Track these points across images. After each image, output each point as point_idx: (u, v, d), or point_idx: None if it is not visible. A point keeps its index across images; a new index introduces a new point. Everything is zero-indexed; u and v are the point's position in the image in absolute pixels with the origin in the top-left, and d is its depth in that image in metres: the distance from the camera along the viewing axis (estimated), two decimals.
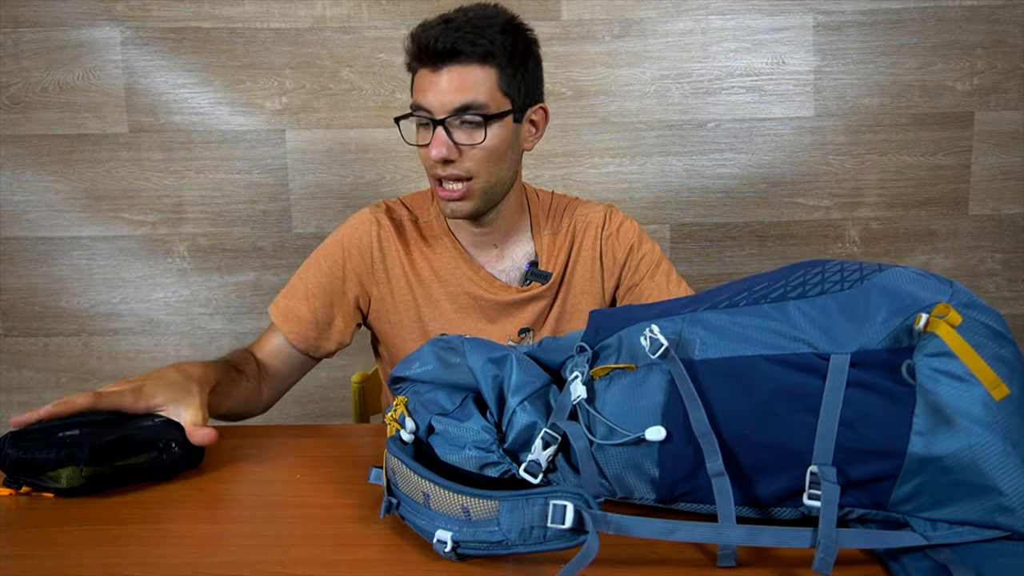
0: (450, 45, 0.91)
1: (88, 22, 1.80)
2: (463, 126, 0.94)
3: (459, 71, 0.93)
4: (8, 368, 1.92)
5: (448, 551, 0.54)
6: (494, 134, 0.95)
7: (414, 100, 0.96)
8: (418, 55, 0.94)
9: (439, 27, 0.93)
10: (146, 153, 1.84)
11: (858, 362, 0.54)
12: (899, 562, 0.52)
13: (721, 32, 1.81)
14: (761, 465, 0.56)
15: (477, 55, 0.93)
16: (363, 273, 1.06)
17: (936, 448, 0.51)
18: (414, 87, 0.97)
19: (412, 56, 0.96)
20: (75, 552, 0.60)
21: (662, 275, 1.08)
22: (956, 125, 1.82)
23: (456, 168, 0.95)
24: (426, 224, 1.10)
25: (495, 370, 0.65)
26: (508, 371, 0.65)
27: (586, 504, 0.52)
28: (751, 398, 0.56)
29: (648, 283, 1.08)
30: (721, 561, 0.54)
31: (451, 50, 0.92)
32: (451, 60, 0.92)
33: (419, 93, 0.95)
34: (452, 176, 0.96)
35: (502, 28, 0.94)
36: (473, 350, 0.67)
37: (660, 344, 0.57)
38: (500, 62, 0.94)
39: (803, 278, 0.60)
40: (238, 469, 0.79)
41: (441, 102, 0.93)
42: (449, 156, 0.94)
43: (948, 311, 0.50)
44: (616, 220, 1.11)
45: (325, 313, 1.05)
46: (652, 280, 1.08)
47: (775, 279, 0.61)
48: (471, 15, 0.94)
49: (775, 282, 0.61)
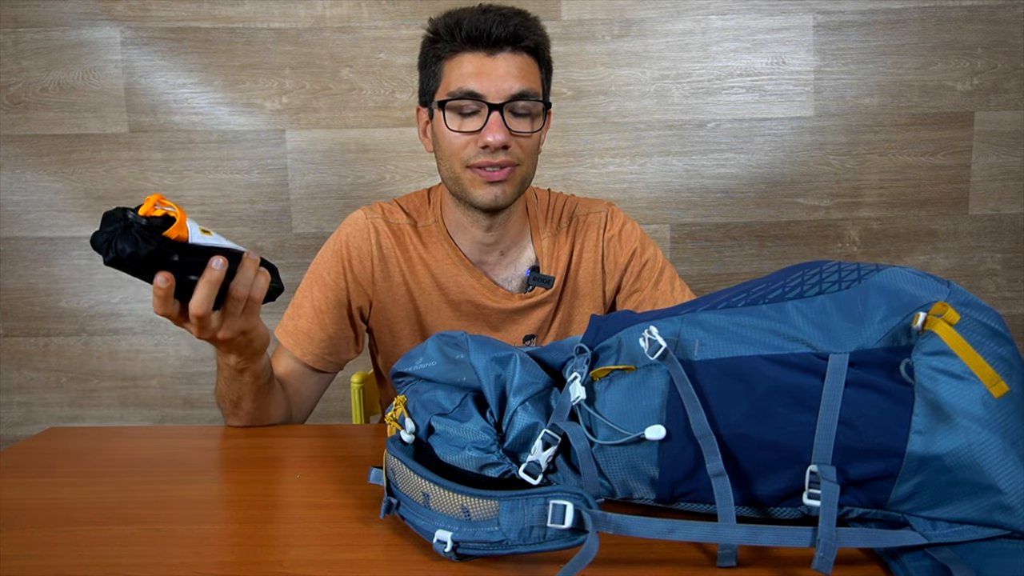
0: (512, 31, 0.91)
1: (88, 22, 1.80)
2: (515, 114, 0.93)
3: (516, 58, 0.92)
4: (8, 368, 1.92)
5: (448, 551, 0.54)
6: (540, 127, 0.96)
7: (459, 86, 0.92)
8: (470, 39, 0.91)
9: (490, 15, 0.91)
10: (146, 153, 1.84)
11: (857, 361, 0.54)
12: (899, 561, 0.52)
13: (721, 32, 1.81)
14: (761, 465, 0.56)
15: (531, 45, 0.93)
16: (364, 282, 1.04)
17: (935, 447, 0.51)
18: (454, 72, 0.93)
19: (457, 41, 0.92)
20: (75, 552, 0.59)
21: (666, 282, 1.07)
22: (956, 125, 1.83)
23: (508, 155, 0.93)
24: (425, 229, 1.06)
25: (498, 369, 0.65)
26: (511, 371, 0.65)
27: (586, 504, 0.52)
28: (750, 398, 0.56)
29: (652, 292, 1.06)
30: (721, 561, 0.54)
31: (513, 36, 0.91)
32: (510, 46, 0.92)
33: (466, 78, 0.91)
34: (501, 163, 0.93)
35: (540, 26, 0.96)
36: (477, 348, 0.67)
37: (659, 345, 0.57)
38: (543, 57, 0.96)
39: (801, 279, 0.60)
40: (238, 469, 0.79)
41: (498, 87, 0.91)
42: (507, 143, 0.92)
43: (946, 309, 0.50)
44: (618, 221, 1.09)
45: (337, 329, 1.02)
46: (656, 289, 1.06)
47: (773, 280, 0.62)
48: (507, 10, 0.93)
49: (773, 283, 0.61)
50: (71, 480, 0.75)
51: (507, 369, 0.65)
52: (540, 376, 0.66)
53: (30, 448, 0.86)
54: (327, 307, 1.02)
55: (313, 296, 1.03)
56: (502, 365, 0.66)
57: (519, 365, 0.65)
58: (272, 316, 1.84)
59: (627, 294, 1.08)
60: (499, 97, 0.91)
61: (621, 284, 1.08)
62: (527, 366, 0.66)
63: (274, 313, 1.11)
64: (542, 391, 0.64)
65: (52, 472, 0.78)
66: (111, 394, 1.93)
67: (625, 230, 1.09)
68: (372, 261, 1.03)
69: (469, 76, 0.91)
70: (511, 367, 0.65)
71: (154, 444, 0.87)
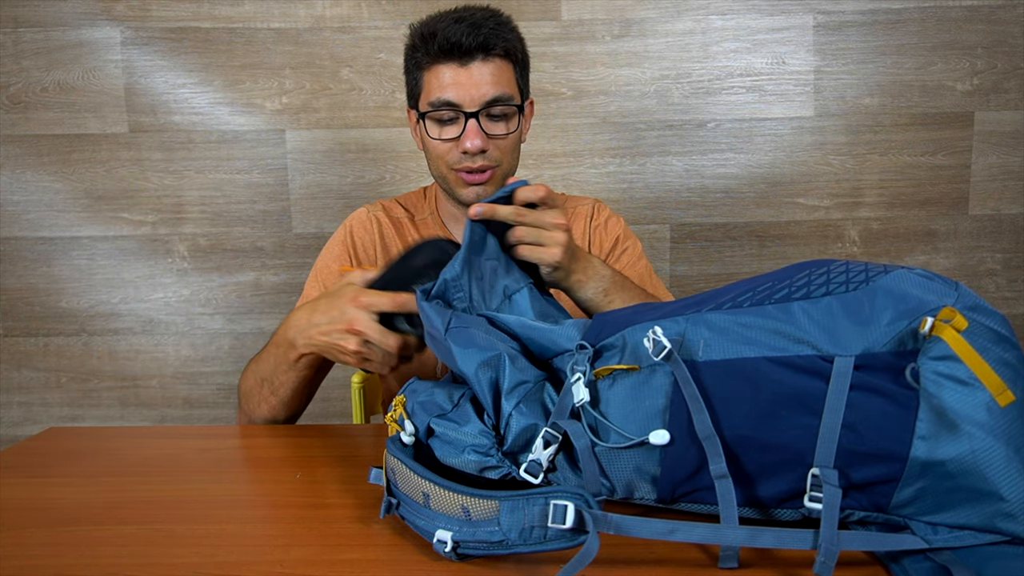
0: (482, 40, 0.95)
1: (88, 22, 1.80)
2: (491, 118, 0.99)
3: (489, 65, 0.97)
4: (8, 368, 1.92)
5: (448, 551, 0.54)
6: (516, 128, 1.02)
7: (436, 96, 0.98)
8: (442, 51, 0.96)
9: (462, 24, 0.95)
10: (146, 153, 1.84)
11: (862, 365, 0.53)
12: (899, 563, 0.52)
13: (721, 32, 1.81)
14: (763, 467, 0.56)
15: (502, 50, 0.98)
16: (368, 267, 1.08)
17: (939, 453, 0.51)
18: (432, 82, 0.99)
19: (431, 53, 0.97)
20: (75, 552, 0.59)
21: (643, 268, 1.13)
22: (956, 125, 1.82)
23: (486, 158, 1.00)
24: (421, 221, 1.15)
25: (489, 373, 0.64)
26: (502, 373, 0.64)
27: (587, 504, 0.52)
28: (754, 400, 0.55)
29: (629, 272, 1.10)
30: (723, 562, 0.54)
31: (483, 44, 0.96)
32: (481, 55, 0.96)
33: (443, 88, 0.97)
34: (482, 166, 1.00)
35: (511, 27, 1.00)
36: (463, 353, 0.65)
37: (663, 346, 0.57)
38: (516, 57, 1.01)
39: (808, 278, 0.59)
40: (238, 469, 0.79)
41: (472, 95, 0.97)
42: (484, 147, 0.98)
43: (954, 315, 0.50)
44: (604, 213, 1.18)
45: None
46: (634, 271, 1.11)
47: (780, 279, 0.61)
48: (479, 15, 0.97)
49: (780, 282, 0.60)
50: (71, 480, 0.75)
51: (497, 370, 0.64)
52: (530, 372, 0.65)
53: (30, 448, 0.86)
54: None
55: (323, 286, 1.07)
56: (492, 367, 0.64)
57: (508, 364, 0.64)
58: (265, 315, 1.84)
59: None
60: (474, 105, 0.97)
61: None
62: (516, 363, 0.65)
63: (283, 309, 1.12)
64: (533, 389, 0.64)
65: (52, 472, 0.78)
66: (111, 394, 1.93)
67: (611, 221, 1.17)
68: (375, 249, 1.10)
69: (445, 87, 0.97)
70: (501, 368, 0.64)
71: (154, 444, 0.87)
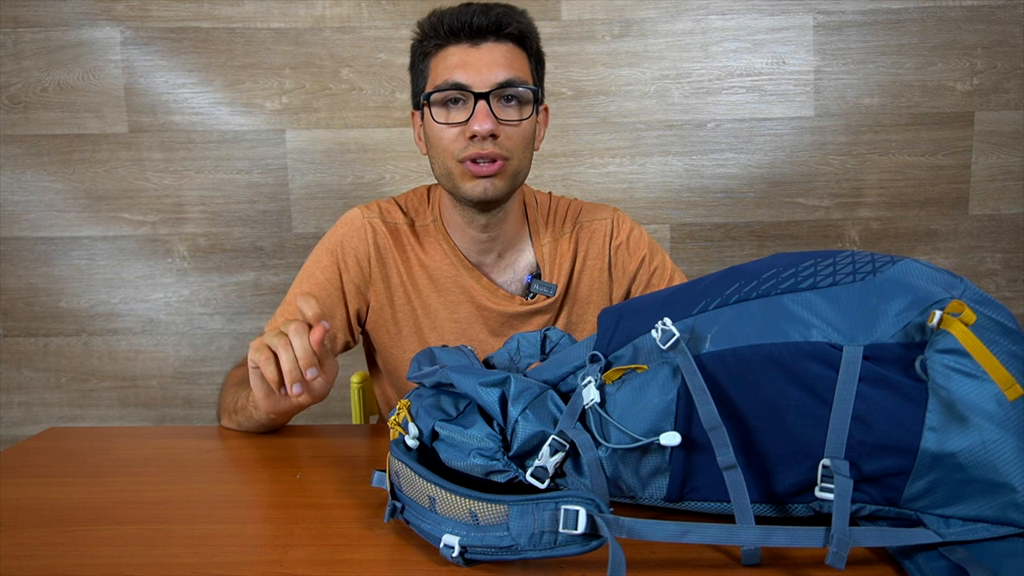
0: (494, 19, 0.91)
1: (88, 22, 1.79)
2: (503, 102, 0.92)
3: (501, 47, 0.92)
4: (8, 368, 1.91)
5: (455, 556, 0.54)
6: (530, 115, 0.94)
7: (444, 79, 0.91)
8: (452, 32, 0.91)
9: (473, 7, 0.91)
10: (146, 153, 1.84)
11: (871, 356, 0.53)
12: (914, 561, 0.52)
13: (721, 32, 1.81)
14: (772, 458, 0.55)
15: (516, 32, 0.93)
16: (361, 284, 1.03)
17: (949, 445, 0.51)
18: (440, 66, 0.93)
19: (441, 35, 0.92)
20: (75, 552, 0.59)
21: (678, 281, 1.07)
22: (956, 125, 1.82)
23: (496, 145, 0.91)
24: (422, 228, 1.05)
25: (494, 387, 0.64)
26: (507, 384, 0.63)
27: (598, 509, 0.51)
28: (762, 390, 0.55)
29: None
30: (745, 559, 0.54)
31: (495, 24, 0.91)
32: (493, 35, 0.91)
33: (451, 70, 0.91)
34: (491, 154, 0.91)
35: (526, 17, 0.96)
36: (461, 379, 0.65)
37: (671, 334, 0.56)
38: (530, 48, 0.95)
39: (814, 268, 0.59)
40: (238, 469, 0.79)
41: (483, 76, 0.90)
42: (495, 131, 0.90)
43: (963, 309, 0.50)
44: (624, 229, 1.08)
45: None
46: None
47: (784, 267, 0.60)
48: (490, 3, 0.94)
49: (784, 270, 0.60)
50: (71, 480, 0.75)
51: (502, 384, 0.64)
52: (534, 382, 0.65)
53: (30, 448, 0.86)
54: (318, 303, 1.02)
55: (303, 291, 1.02)
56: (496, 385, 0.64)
57: (512, 378, 0.64)
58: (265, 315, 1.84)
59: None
60: (484, 86, 0.90)
61: (630, 291, 1.07)
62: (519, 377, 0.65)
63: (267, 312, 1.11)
64: (539, 396, 0.63)
65: (52, 472, 0.78)
66: (111, 394, 1.93)
67: (633, 237, 1.07)
68: (369, 262, 1.02)
69: (454, 67, 0.91)
70: (506, 382, 0.64)
71: (154, 444, 0.87)
